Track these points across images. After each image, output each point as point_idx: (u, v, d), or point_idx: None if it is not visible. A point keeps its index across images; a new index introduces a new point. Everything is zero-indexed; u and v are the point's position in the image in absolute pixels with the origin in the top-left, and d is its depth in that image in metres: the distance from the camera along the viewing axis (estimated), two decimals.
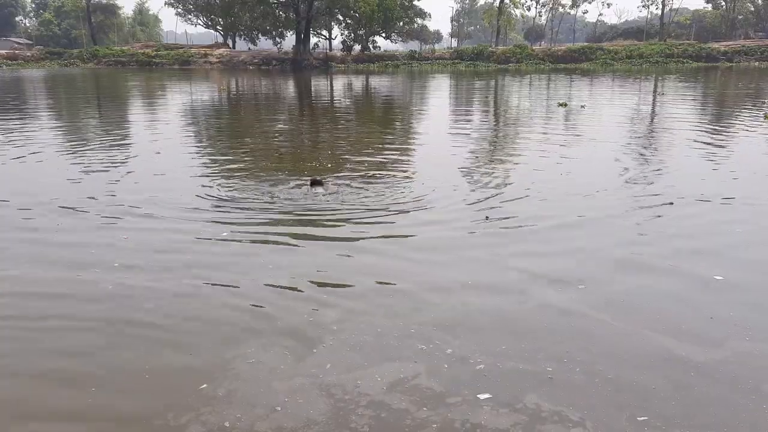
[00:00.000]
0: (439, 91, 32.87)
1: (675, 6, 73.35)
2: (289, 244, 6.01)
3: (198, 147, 13.17)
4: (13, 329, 4.32)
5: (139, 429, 3.24)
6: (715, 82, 35.67)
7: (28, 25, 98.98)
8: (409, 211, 7.13)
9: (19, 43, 78.45)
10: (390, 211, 7.14)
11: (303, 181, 8.55)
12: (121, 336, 4.20)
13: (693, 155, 11.10)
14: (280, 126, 17.18)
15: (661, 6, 70.92)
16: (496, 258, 5.65)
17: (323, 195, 7.70)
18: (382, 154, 11.30)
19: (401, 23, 67.92)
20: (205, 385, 3.55)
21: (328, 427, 3.18)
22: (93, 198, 7.87)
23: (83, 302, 4.73)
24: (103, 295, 4.84)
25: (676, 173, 9.39)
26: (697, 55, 58.13)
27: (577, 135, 13.82)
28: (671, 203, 7.40)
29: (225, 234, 6.33)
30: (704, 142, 12.33)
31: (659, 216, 6.94)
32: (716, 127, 14.99)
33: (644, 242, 6.04)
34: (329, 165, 10.09)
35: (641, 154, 11.15)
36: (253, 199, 7.73)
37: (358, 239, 6.15)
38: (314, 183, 8.00)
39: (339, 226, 6.59)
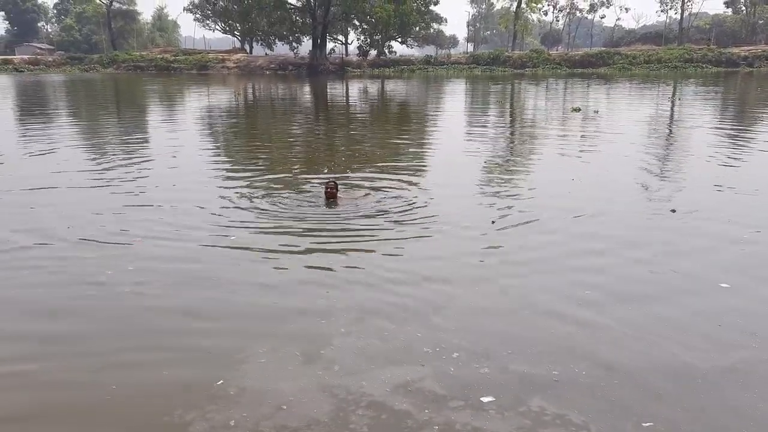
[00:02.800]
0: (455, 96, 32.84)
1: (694, 10, 72.60)
2: (300, 250, 6.05)
3: (213, 152, 13.32)
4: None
5: (149, 423, 3.32)
6: (734, 87, 35.21)
7: (49, 30, 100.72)
8: (419, 217, 7.15)
9: (41, 49, 79.88)
10: (400, 217, 7.17)
11: (317, 188, 8.62)
12: (136, 338, 4.30)
13: (705, 164, 10.95)
14: (295, 131, 17.29)
15: (680, 10, 70.19)
16: (503, 263, 5.67)
17: (335, 202, 7.73)
18: (398, 161, 11.35)
19: (417, 28, 67.95)
20: (221, 382, 3.64)
21: (330, 428, 3.23)
22: (107, 200, 8.03)
23: (92, 311, 4.83)
24: (116, 298, 4.95)
25: (686, 180, 9.32)
26: (717, 59, 57.40)
27: (590, 141, 13.75)
28: (674, 210, 7.35)
29: (233, 238, 6.40)
30: (718, 151, 12.17)
31: (667, 223, 6.91)
32: (733, 134, 14.79)
33: (651, 249, 6.00)
34: (344, 171, 10.16)
35: (652, 162, 11.06)
36: (265, 205, 7.78)
37: (367, 244, 6.19)
38: (329, 192, 7.73)
39: (349, 231, 6.63)
